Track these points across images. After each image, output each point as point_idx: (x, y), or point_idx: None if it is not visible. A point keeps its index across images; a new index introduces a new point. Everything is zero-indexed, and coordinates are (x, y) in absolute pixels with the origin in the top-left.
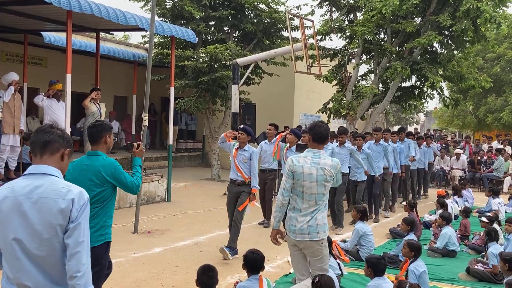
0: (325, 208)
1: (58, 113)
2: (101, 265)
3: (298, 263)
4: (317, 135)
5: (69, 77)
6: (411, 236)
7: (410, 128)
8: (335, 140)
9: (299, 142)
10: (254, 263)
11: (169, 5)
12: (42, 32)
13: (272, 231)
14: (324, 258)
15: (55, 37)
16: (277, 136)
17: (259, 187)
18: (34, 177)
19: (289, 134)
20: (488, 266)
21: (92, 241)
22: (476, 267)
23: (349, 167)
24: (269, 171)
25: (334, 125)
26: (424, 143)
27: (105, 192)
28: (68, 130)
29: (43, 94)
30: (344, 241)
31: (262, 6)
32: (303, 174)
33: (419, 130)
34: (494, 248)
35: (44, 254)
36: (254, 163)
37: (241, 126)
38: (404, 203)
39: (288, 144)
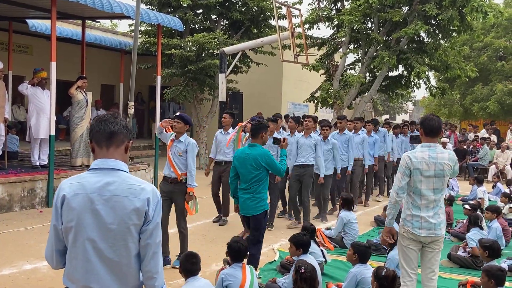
0: (443, 204)
1: (43, 101)
2: (261, 228)
3: (414, 259)
4: (428, 128)
5: (53, 65)
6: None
7: (399, 117)
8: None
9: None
10: (237, 251)
11: None
12: (27, 20)
13: (385, 228)
14: (440, 252)
15: (40, 24)
16: (237, 125)
17: (196, 185)
18: (103, 172)
19: (249, 123)
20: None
21: (256, 210)
22: (458, 253)
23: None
24: (225, 163)
25: (322, 114)
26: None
27: (261, 174)
28: (54, 119)
29: (28, 82)
30: (328, 228)
31: None
32: (422, 170)
33: (407, 119)
34: (473, 233)
35: (117, 255)
36: (190, 157)
37: (177, 114)
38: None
39: (247, 134)
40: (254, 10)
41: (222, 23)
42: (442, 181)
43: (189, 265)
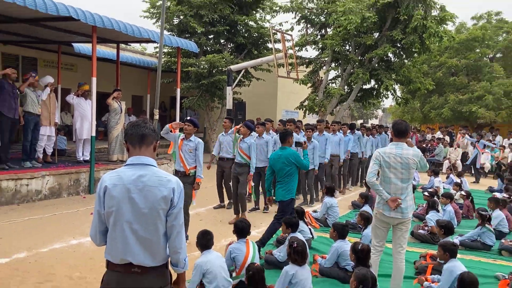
0: (411, 192)
1: (86, 109)
2: (286, 211)
3: (381, 236)
4: (397, 131)
5: (94, 80)
6: (366, 208)
7: (371, 121)
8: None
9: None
10: (242, 229)
11: (176, 21)
12: (72, 43)
13: (387, 202)
14: (408, 231)
15: (83, 47)
16: (233, 128)
17: (203, 177)
18: (137, 167)
19: (242, 127)
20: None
21: (284, 196)
22: (419, 231)
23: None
24: (227, 159)
25: (309, 119)
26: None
27: (292, 170)
28: (94, 123)
29: (74, 93)
30: (315, 211)
31: (251, 23)
32: (389, 163)
33: (377, 123)
34: (431, 215)
35: (148, 234)
36: (200, 153)
37: (188, 118)
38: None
39: (241, 136)
40: (254, 35)
41: (229, 46)
42: (408, 173)
43: (205, 241)
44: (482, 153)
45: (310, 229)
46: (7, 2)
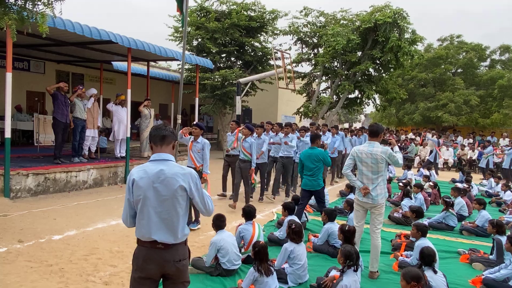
0: (384, 181)
1: (122, 115)
2: (321, 197)
3: (359, 217)
4: (370, 132)
5: (129, 91)
6: (351, 196)
7: (355, 125)
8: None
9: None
10: (249, 212)
11: (195, 43)
12: (112, 62)
13: (360, 188)
14: (382, 214)
15: (120, 64)
16: (236, 130)
17: (209, 172)
18: (159, 162)
19: (244, 128)
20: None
21: (317, 187)
22: (394, 214)
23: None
24: (233, 155)
25: (304, 122)
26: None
27: (320, 165)
28: (129, 126)
29: (112, 102)
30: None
31: (257, 44)
32: (361, 158)
33: (360, 126)
34: (405, 201)
35: (170, 216)
36: (206, 152)
37: (195, 122)
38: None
39: (244, 136)
40: (259, 54)
41: (238, 63)
42: (377, 166)
43: (219, 222)
44: (439, 150)
45: (305, 213)
46: (60, 29)
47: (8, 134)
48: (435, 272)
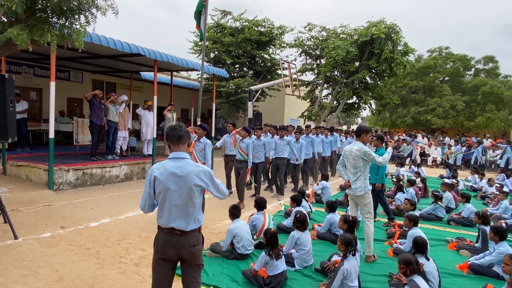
0: (363, 176)
1: (149, 118)
2: (372, 202)
3: (352, 206)
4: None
5: (155, 98)
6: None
7: (353, 127)
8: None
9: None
10: (260, 204)
11: (212, 56)
12: (140, 72)
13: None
14: (368, 204)
15: (147, 74)
16: (234, 132)
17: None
18: (176, 160)
19: (242, 130)
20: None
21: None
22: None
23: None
24: (231, 156)
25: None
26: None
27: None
28: (155, 128)
29: (141, 107)
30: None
31: (266, 56)
32: (346, 155)
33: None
34: (398, 195)
35: (187, 206)
36: (208, 151)
37: (198, 123)
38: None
39: (241, 137)
40: (268, 65)
41: (250, 73)
42: (355, 162)
43: (236, 211)
44: (416, 149)
45: (309, 204)
46: (96, 44)
47: (51, 135)
48: (428, 259)
